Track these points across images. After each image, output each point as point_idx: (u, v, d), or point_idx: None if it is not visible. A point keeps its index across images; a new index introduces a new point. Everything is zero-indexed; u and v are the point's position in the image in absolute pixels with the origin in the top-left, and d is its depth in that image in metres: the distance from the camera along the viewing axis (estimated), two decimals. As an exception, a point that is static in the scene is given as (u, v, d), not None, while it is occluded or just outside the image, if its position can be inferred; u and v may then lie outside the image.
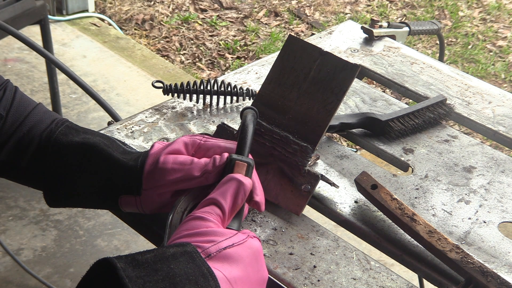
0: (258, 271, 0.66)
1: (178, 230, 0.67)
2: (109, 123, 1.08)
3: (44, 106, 0.87)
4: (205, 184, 0.78)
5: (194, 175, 0.76)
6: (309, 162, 0.90)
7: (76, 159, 0.81)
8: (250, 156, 0.80)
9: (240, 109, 1.13)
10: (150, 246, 2.41)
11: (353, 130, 1.12)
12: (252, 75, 1.26)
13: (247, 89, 1.14)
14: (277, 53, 0.98)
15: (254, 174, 0.79)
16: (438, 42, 2.27)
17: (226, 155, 0.77)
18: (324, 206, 0.95)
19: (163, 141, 0.86)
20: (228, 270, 0.62)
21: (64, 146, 0.81)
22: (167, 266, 0.59)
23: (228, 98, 1.14)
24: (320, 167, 1.02)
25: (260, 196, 0.78)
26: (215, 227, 0.66)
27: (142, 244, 2.19)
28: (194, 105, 1.13)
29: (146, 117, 1.09)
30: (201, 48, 3.51)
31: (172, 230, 0.75)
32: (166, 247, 0.61)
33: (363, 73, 1.35)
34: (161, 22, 3.68)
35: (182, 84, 1.10)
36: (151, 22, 3.68)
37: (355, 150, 2.48)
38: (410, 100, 1.34)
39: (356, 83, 1.27)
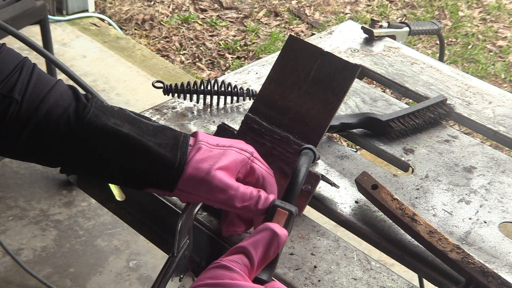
0: None
1: (202, 276, 0.63)
2: (109, 123, 1.08)
3: (64, 83, 0.81)
4: (243, 215, 0.77)
5: (234, 204, 0.74)
6: (310, 162, 0.90)
7: (108, 145, 0.76)
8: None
9: (240, 109, 1.13)
10: (150, 246, 2.39)
11: (353, 130, 1.12)
12: (252, 75, 1.26)
13: (247, 89, 1.14)
14: (277, 53, 0.98)
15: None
16: (438, 42, 2.27)
17: (271, 198, 0.74)
18: (324, 206, 0.95)
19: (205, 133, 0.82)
20: None
21: (96, 129, 0.75)
22: None
23: (228, 98, 1.14)
24: (321, 167, 1.02)
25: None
26: (240, 280, 0.62)
27: (142, 244, 2.19)
28: (194, 105, 1.13)
29: (146, 117, 1.09)
30: (201, 48, 3.51)
31: (182, 236, 0.74)
32: None
33: (363, 73, 1.35)
34: (161, 22, 3.68)
35: (182, 84, 1.10)
36: (151, 22, 3.68)
37: (355, 150, 2.48)
38: (410, 100, 1.34)
39: (356, 83, 1.27)
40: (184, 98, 1.12)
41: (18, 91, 0.76)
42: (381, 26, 1.45)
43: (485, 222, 0.95)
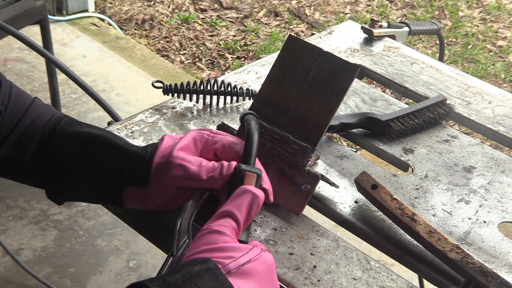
0: (271, 284, 0.69)
1: (196, 244, 0.68)
2: (109, 123, 1.08)
3: (41, 100, 0.86)
4: (210, 187, 0.79)
5: (200, 177, 0.78)
6: (309, 162, 0.90)
7: (82, 149, 0.81)
8: (258, 161, 0.80)
9: (240, 109, 1.14)
10: (150, 246, 2.39)
11: (353, 130, 1.12)
12: (252, 75, 1.26)
13: (247, 89, 1.14)
14: (277, 53, 0.98)
15: (259, 165, 0.80)
16: (438, 42, 2.27)
17: (233, 164, 0.78)
18: (324, 206, 0.95)
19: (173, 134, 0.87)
20: (246, 286, 0.64)
21: (70, 136, 0.81)
22: (195, 284, 0.61)
23: (228, 98, 1.14)
24: (320, 167, 1.02)
25: (268, 185, 0.80)
26: (232, 242, 0.67)
27: (142, 244, 2.19)
28: (194, 105, 1.13)
29: (146, 117, 1.09)
30: (201, 48, 3.51)
31: (181, 235, 0.75)
32: (191, 265, 0.63)
33: (363, 73, 1.35)
34: (161, 22, 3.68)
35: (182, 84, 1.10)
36: (151, 22, 3.68)
37: (355, 150, 2.48)
38: (410, 100, 1.34)
39: (356, 83, 1.27)
40: (184, 98, 1.12)
41: (0, 102, 0.80)
42: (381, 26, 1.45)
43: (484, 222, 0.95)
